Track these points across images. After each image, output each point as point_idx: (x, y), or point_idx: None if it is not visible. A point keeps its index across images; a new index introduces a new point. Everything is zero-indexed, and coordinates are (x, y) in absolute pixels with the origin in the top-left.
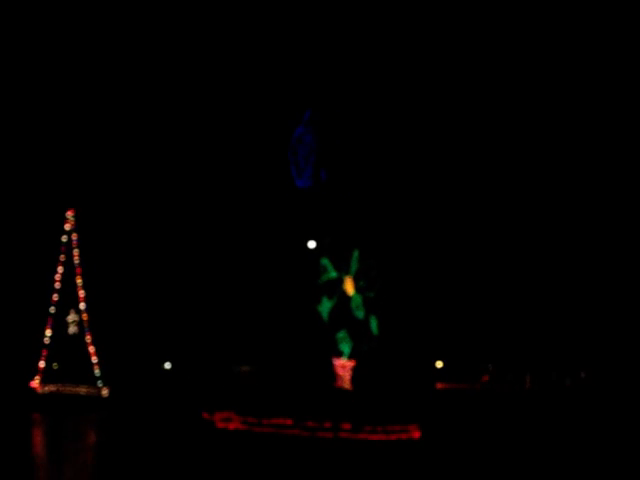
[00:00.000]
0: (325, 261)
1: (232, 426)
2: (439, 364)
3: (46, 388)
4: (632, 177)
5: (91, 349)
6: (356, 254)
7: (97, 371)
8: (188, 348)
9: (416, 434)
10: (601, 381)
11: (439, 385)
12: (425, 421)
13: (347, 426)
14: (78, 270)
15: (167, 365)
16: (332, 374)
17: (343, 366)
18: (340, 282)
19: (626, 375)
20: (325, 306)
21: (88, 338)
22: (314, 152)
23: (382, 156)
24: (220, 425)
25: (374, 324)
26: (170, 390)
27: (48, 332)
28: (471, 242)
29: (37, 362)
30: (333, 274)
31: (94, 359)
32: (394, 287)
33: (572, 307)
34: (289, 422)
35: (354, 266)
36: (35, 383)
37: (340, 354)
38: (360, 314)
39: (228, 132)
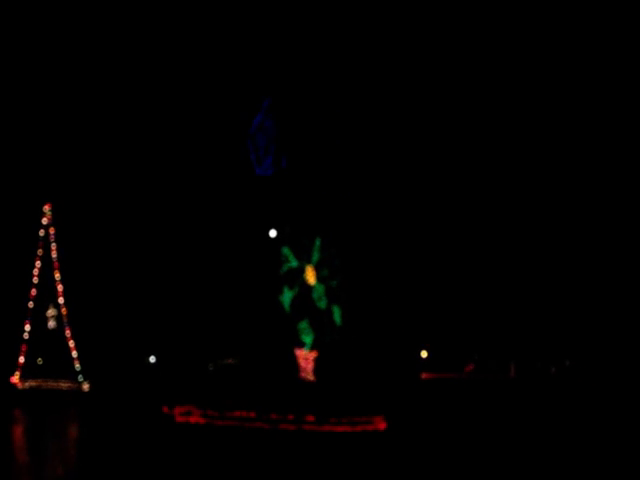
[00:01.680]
0: (286, 250)
1: (192, 420)
2: (424, 354)
3: (26, 384)
4: (623, 174)
5: (71, 343)
6: (318, 242)
7: (77, 366)
8: (166, 341)
9: (381, 425)
10: (586, 369)
11: (424, 375)
12: (391, 412)
13: (311, 418)
14: (56, 264)
15: (152, 359)
16: (295, 365)
17: (305, 357)
18: (301, 271)
19: (611, 363)
20: (287, 296)
21: (68, 332)
22: (274, 140)
23: (344, 142)
24: (180, 419)
25: (337, 314)
26: (151, 384)
27: (27, 327)
28: (452, 227)
29: (17, 357)
30: (294, 263)
31: (74, 354)
32: (358, 276)
33: (557, 295)
34: (252, 415)
35: (316, 255)
36: (15, 379)
37: (302, 345)
38: (322, 304)
39: (185, 121)
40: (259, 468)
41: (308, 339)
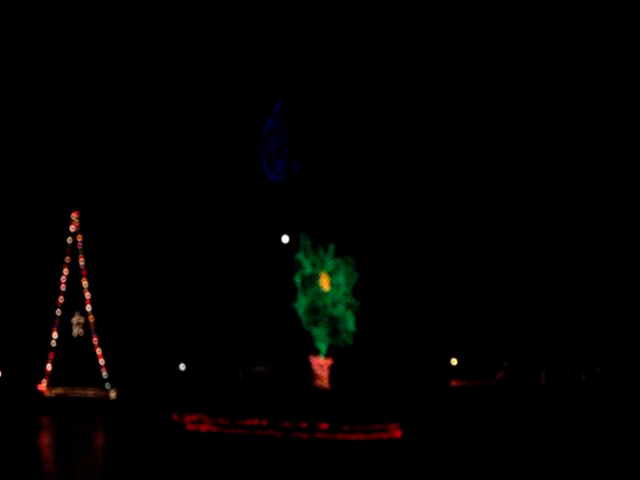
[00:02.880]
0: (300, 256)
1: (203, 428)
2: (454, 361)
3: (53, 391)
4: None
5: (98, 351)
6: (332, 248)
7: (104, 373)
8: (192, 349)
9: (397, 433)
10: (617, 376)
11: (454, 382)
12: (408, 420)
13: (324, 426)
14: (83, 272)
15: (182, 366)
16: (310, 373)
17: (321, 365)
18: (315, 278)
19: None
20: (301, 303)
21: (95, 340)
22: (286, 144)
23: (359, 147)
24: (190, 427)
25: (351, 320)
26: (178, 392)
27: (54, 335)
28: (482, 233)
29: (44, 365)
30: (308, 270)
31: (101, 361)
32: (373, 282)
33: (587, 302)
34: (264, 423)
35: (330, 261)
36: (42, 386)
37: (317, 352)
38: (337, 311)
39: (197, 126)
40: (271, 478)
41: (323, 346)
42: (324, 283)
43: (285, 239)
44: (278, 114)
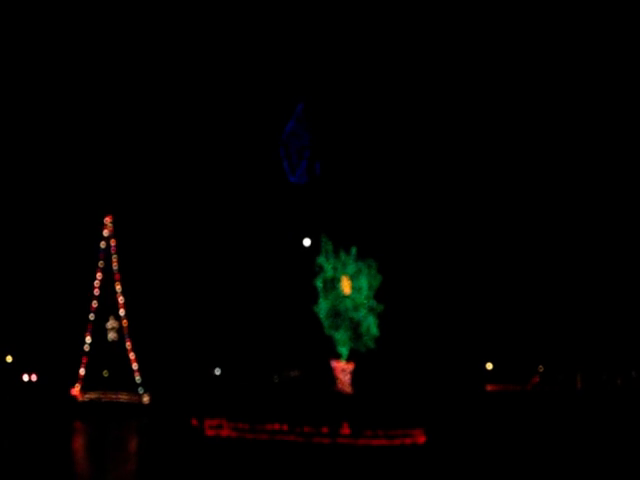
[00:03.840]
0: (321, 260)
1: (223, 433)
2: (489, 366)
3: (87, 396)
4: None
5: (131, 356)
6: (354, 252)
7: (138, 378)
8: (225, 353)
9: (421, 439)
10: None
11: (489, 387)
12: (432, 425)
13: (346, 431)
14: (117, 276)
15: (217, 371)
16: (331, 377)
17: (343, 369)
18: (337, 281)
19: None
20: (322, 307)
21: (128, 345)
22: (308, 146)
23: (379, 149)
24: (210, 432)
25: (373, 324)
26: (211, 397)
27: (88, 339)
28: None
29: (77, 369)
30: (329, 273)
31: (135, 366)
32: (396, 286)
33: (623, 306)
34: (284, 428)
35: (352, 264)
36: (76, 391)
37: (339, 356)
38: (358, 314)
39: (217, 128)
40: None
41: (344, 350)
42: (345, 286)
43: (306, 242)
44: (299, 116)
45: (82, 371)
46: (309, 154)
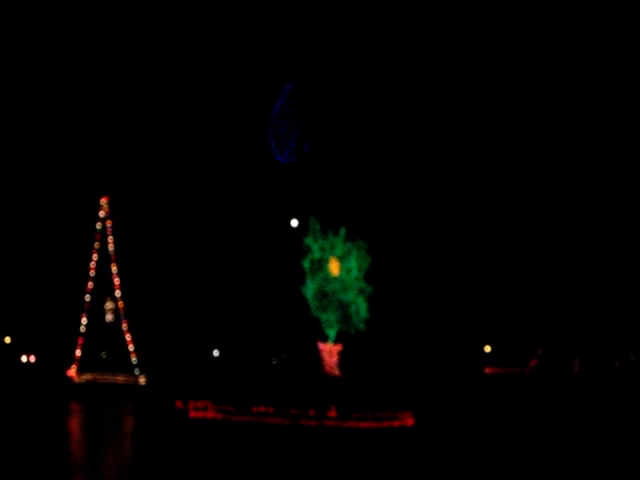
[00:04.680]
0: (309, 241)
1: (208, 415)
2: (487, 348)
3: (83, 377)
4: None
5: (128, 337)
6: (342, 232)
7: (134, 359)
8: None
9: (409, 421)
10: None
11: (488, 369)
12: (421, 407)
13: (333, 414)
14: (113, 257)
15: (215, 352)
16: (318, 360)
17: (330, 351)
18: (324, 262)
19: None
20: (309, 288)
21: (124, 326)
22: (296, 125)
23: (369, 129)
24: (194, 414)
25: (363, 306)
26: (208, 378)
27: (84, 320)
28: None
29: (73, 351)
30: (317, 254)
31: (131, 347)
32: (386, 267)
33: (621, 289)
34: (270, 410)
35: (340, 246)
36: (72, 372)
37: (326, 338)
38: (347, 296)
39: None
40: (278, 465)
41: (332, 332)
42: (333, 268)
43: (294, 223)
44: (288, 95)
45: (78, 352)
46: (297, 134)
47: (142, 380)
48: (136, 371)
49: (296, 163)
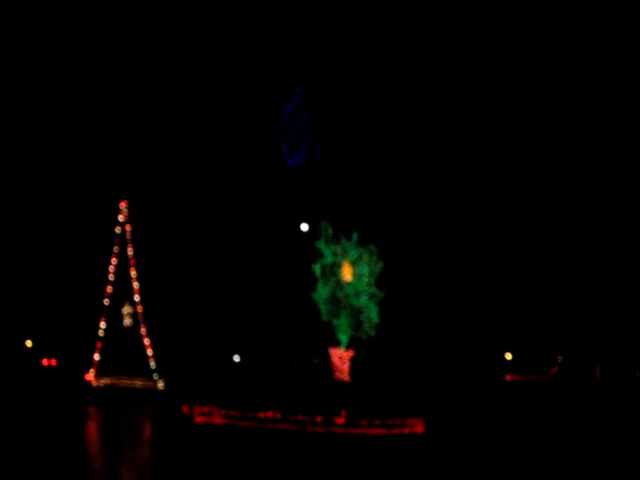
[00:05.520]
0: (321, 245)
1: (213, 420)
2: (508, 356)
3: (101, 381)
4: None
5: (146, 341)
6: (355, 237)
7: (152, 364)
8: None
9: (419, 428)
10: None
11: (508, 377)
12: (432, 414)
13: (341, 420)
14: (132, 262)
15: (236, 358)
16: (328, 365)
17: (341, 357)
18: (337, 267)
19: None
20: (321, 293)
21: (143, 330)
22: (307, 129)
23: (380, 133)
24: (200, 419)
25: (374, 311)
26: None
27: (102, 324)
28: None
29: (92, 355)
30: (329, 259)
31: (149, 352)
32: (398, 272)
33: None
34: (277, 416)
35: (353, 250)
36: (90, 376)
37: (338, 344)
38: (359, 301)
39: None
40: (283, 472)
41: (344, 337)
42: (346, 273)
43: (304, 227)
44: (299, 98)
45: (97, 356)
46: (308, 137)
47: (160, 385)
48: (154, 375)
49: (308, 167)
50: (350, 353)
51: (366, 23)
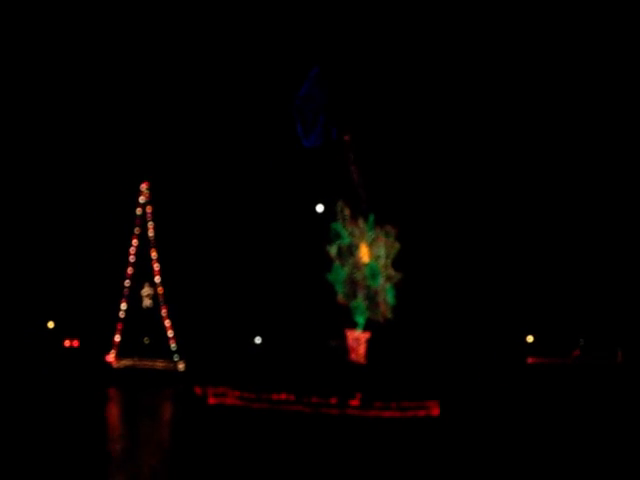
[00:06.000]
0: (337, 226)
1: (227, 402)
2: (530, 338)
3: (122, 362)
4: None
5: (167, 323)
6: (372, 219)
7: (173, 345)
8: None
9: (435, 411)
10: None
11: (530, 359)
12: (449, 397)
13: (355, 402)
14: (153, 243)
15: (257, 340)
16: (344, 347)
17: (357, 338)
18: (354, 249)
19: None
20: (338, 274)
21: (163, 312)
22: (323, 110)
23: (398, 113)
24: (213, 401)
25: (391, 293)
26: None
27: (123, 306)
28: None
29: (112, 336)
30: (346, 240)
31: (170, 333)
32: (415, 254)
33: None
34: (291, 398)
35: (370, 232)
36: (111, 357)
37: (354, 325)
38: (376, 283)
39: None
40: (297, 454)
41: (361, 319)
42: (364, 254)
43: (319, 208)
44: (315, 79)
45: (117, 338)
46: (324, 118)
47: (181, 366)
48: (175, 357)
49: (325, 148)
50: (367, 335)
51: (382, 4)
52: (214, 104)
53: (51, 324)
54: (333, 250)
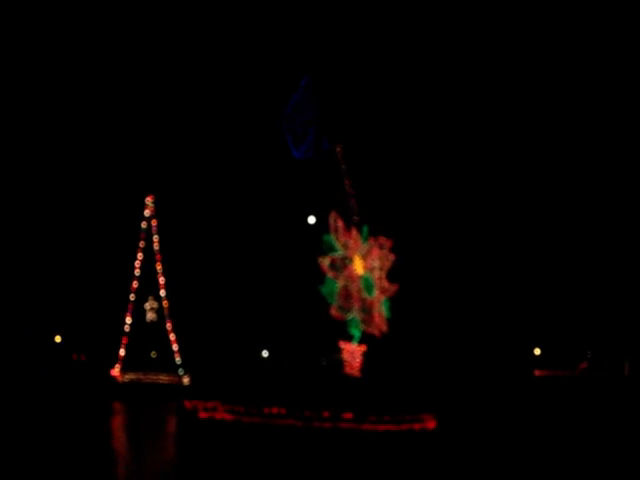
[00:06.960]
0: (329, 238)
1: (218, 416)
2: (537, 351)
3: (126, 376)
4: None
5: (171, 337)
6: (365, 230)
7: (178, 359)
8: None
9: (431, 424)
10: None
11: (537, 372)
12: (444, 410)
13: (348, 415)
14: (158, 257)
15: (264, 353)
16: (338, 360)
17: (352, 352)
18: (348, 261)
19: None
20: (330, 287)
21: (168, 326)
22: (314, 120)
23: (390, 123)
24: (203, 415)
25: (386, 306)
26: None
27: (128, 319)
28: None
29: (117, 350)
30: (339, 252)
31: (175, 347)
32: (409, 267)
33: None
34: (282, 411)
35: (363, 244)
36: (115, 371)
37: (350, 338)
38: (371, 295)
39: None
40: (289, 469)
41: (357, 332)
42: (358, 266)
43: (311, 219)
44: (305, 89)
45: (122, 352)
46: (315, 129)
47: (186, 380)
48: (180, 371)
49: (316, 159)
50: (362, 348)
51: (372, 13)
52: (214, 118)
53: (58, 338)
54: (326, 262)
